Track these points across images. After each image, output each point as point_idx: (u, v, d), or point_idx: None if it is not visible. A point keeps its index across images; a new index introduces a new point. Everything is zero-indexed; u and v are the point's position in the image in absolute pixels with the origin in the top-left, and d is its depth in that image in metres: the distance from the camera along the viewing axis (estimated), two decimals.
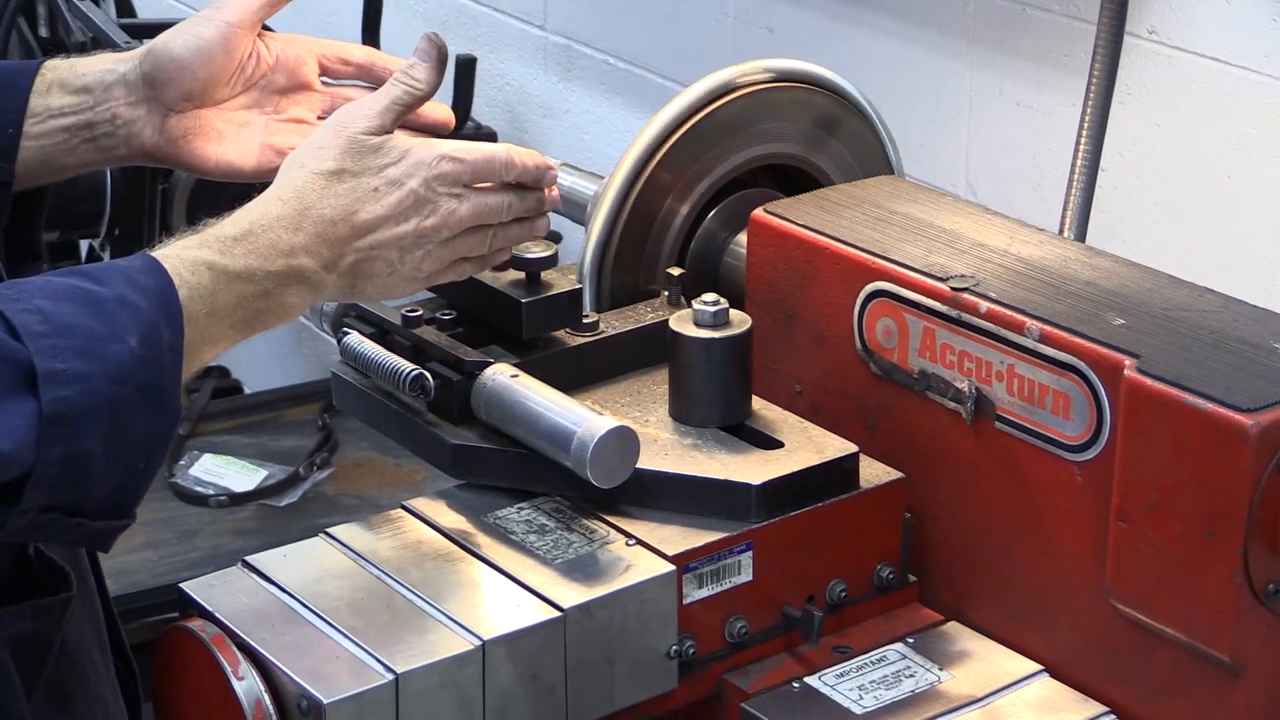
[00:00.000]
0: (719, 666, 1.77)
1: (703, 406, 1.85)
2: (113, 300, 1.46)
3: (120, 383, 1.44)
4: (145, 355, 1.46)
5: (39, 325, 1.43)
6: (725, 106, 2.11)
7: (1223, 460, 1.59)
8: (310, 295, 1.61)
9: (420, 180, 1.64)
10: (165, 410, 1.48)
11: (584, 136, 3.38)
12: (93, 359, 1.43)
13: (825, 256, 1.92)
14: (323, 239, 1.60)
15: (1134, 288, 1.81)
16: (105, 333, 1.44)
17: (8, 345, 1.41)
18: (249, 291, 1.56)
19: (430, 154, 1.65)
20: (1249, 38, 2.25)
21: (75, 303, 1.45)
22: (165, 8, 4.60)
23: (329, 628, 1.64)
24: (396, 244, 1.63)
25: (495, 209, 1.69)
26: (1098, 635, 1.74)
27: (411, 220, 1.63)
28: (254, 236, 1.58)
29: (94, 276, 1.49)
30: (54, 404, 1.41)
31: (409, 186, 1.63)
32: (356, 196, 1.62)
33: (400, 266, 1.65)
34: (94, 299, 1.46)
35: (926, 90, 2.66)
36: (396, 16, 3.73)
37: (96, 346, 1.44)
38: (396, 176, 1.63)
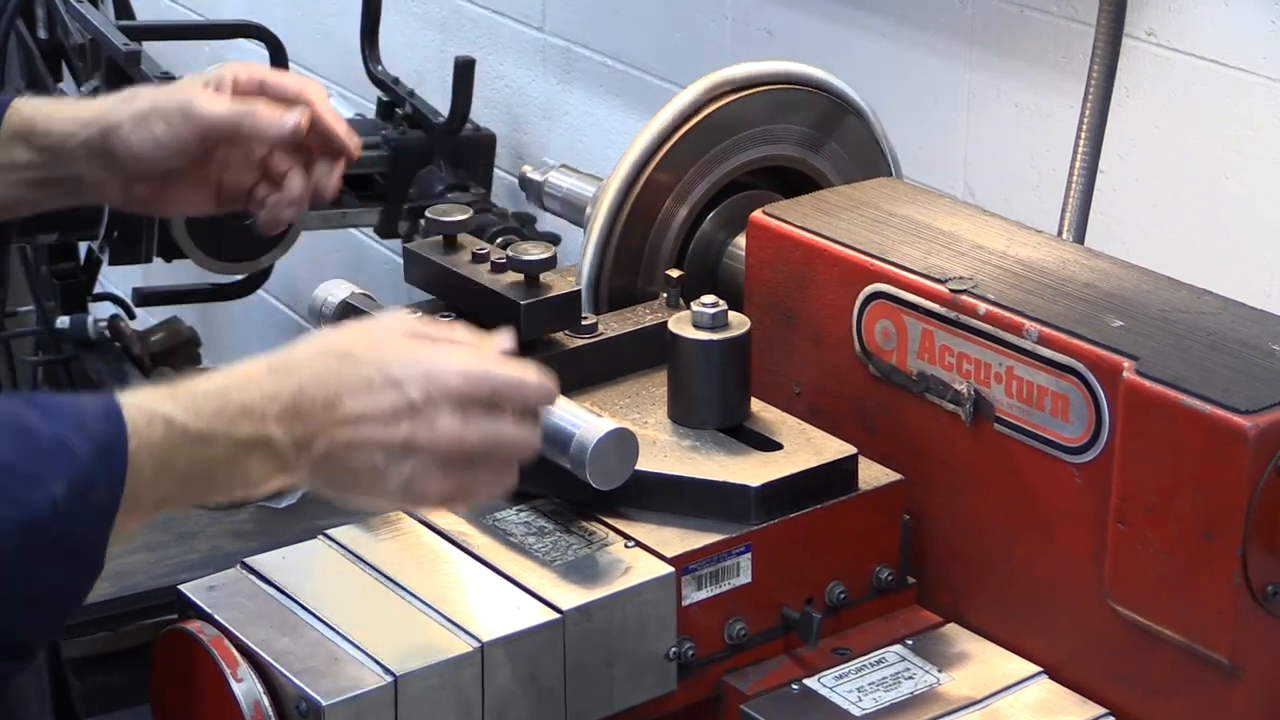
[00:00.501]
0: (718, 668, 1.77)
1: (701, 408, 1.85)
2: (50, 440, 1.38)
3: (34, 532, 1.36)
4: (70, 506, 1.37)
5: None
6: (724, 108, 2.11)
7: (1221, 462, 1.60)
8: (277, 471, 1.48)
9: (422, 390, 1.49)
10: (83, 564, 1.41)
11: (583, 138, 3.38)
12: (8, 502, 1.35)
13: (824, 258, 1.92)
14: (298, 414, 1.47)
15: (1132, 289, 1.81)
16: (29, 475, 1.37)
17: None
18: (207, 454, 1.45)
19: (445, 366, 1.51)
20: (1248, 39, 2.25)
21: (8, 436, 1.38)
22: (164, 9, 4.60)
23: (328, 629, 1.64)
24: (381, 447, 1.49)
25: (511, 443, 1.54)
26: (1097, 637, 1.74)
27: (402, 427, 1.48)
28: (226, 396, 1.47)
29: (43, 409, 1.40)
30: None
31: (407, 392, 1.49)
32: (347, 384, 1.49)
33: (386, 474, 1.50)
34: (30, 435, 1.38)
35: (925, 92, 2.66)
36: (396, 17, 3.73)
37: (15, 487, 1.36)
38: (398, 377, 1.50)
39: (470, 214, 2.03)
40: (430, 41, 3.73)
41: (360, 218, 3.46)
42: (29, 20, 4.20)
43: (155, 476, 1.43)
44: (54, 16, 4.09)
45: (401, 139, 3.40)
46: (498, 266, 1.93)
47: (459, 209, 2.02)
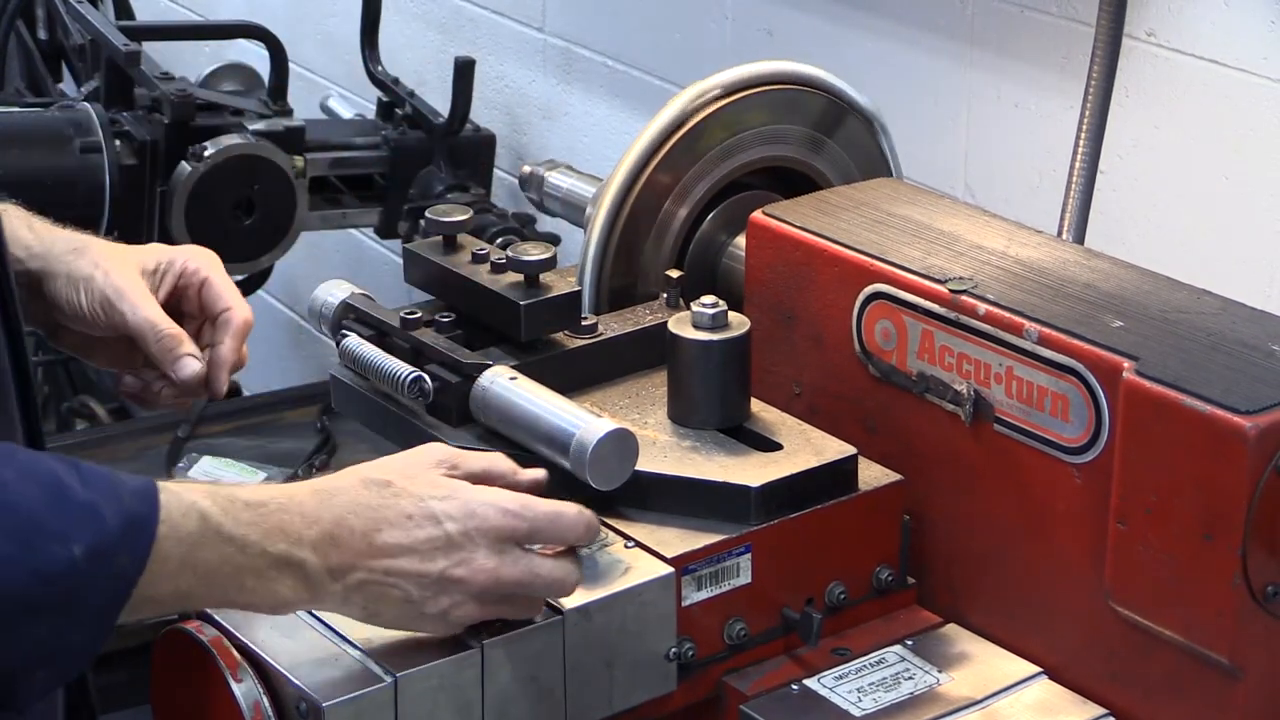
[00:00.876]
0: (718, 669, 1.77)
1: (701, 408, 1.85)
2: (81, 504, 1.41)
3: (45, 583, 1.38)
4: (86, 569, 1.39)
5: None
6: (724, 109, 2.11)
7: (1221, 462, 1.59)
8: (306, 594, 1.51)
9: (459, 526, 1.53)
10: (89, 627, 1.42)
11: (583, 138, 3.38)
12: (23, 547, 1.37)
13: (824, 259, 1.92)
14: (334, 543, 1.51)
15: (1132, 290, 1.81)
16: (53, 531, 1.39)
17: None
18: (237, 561, 1.47)
19: (485, 501, 1.55)
20: (1247, 40, 2.25)
21: (41, 488, 1.40)
22: (164, 9, 4.60)
23: (327, 630, 1.64)
24: (415, 579, 1.53)
25: (550, 582, 1.58)
26: (1096, 637, 1.74)
27: (438, 562, 1.53)
28: (265, 510, 1.49)
29: (82, 474, 1.43)
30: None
31: (445, 528, 1.53)
32: (386, 517, 1.52)
33: (421, 605, 1.54)
34: (62, 494, 1.40)
35: (925, 92, 2.66)
36: (396, 17, 3.73)
37: (35, 538, 1.38)
38: (436, 512, 1.53)
39: (470, 214, 2.02)
40: (430, 42, 3.73)
41: (360, 218, 3.47)
42: (29, 21, 4.20)
43: (180, 567, 1.46)
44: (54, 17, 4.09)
45: (401, 139, 3.40)
46: (498, 267, 1.93)
47: (459, 209, 2.02)
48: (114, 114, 3.23)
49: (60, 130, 3.12)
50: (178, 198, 3.15)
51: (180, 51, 3.98)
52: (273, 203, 3.20)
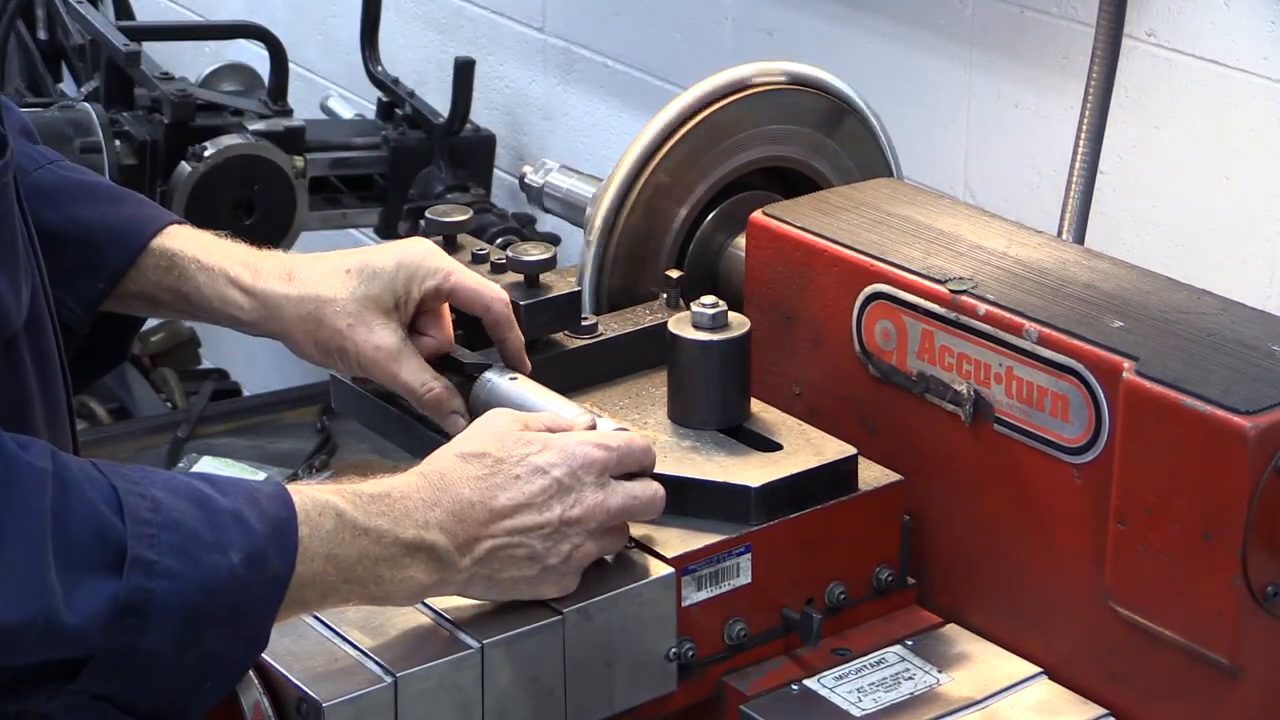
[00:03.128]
0: (718, 669, 1.77)
1: (701, 409, 1.85)
2: (228, 512, 1.44)
3: (211, 594, 1.41)
4: (245, 575, 1.43)
5: (146, 512, 1.40)
6: (724, 109, 2.11)
7: (1221, 462, 1.59)
8: (439, 576, 1.56)
9: (565, 469, 1.60)
10: (248, 638, 1.46)
11: (583, 139, 3.38)
12: (189, 561, 1.40)
13: (824, 259, 1.92)
14: (458, 518, 1.56)
15: (1132, 290, 1.81)
16: (210, 540, 1.42)
17: (106, 521, 1.38)
18: (374, 552, 1.52)
19: (576, 442, 1.62)
20: (1247, 40, 2.25)
21: (190, 502, 1.43)
22: (164, 9, 4.60)
23: (327, 630, 1.64)
24: (538, 532, 1.59)
25: (646, 502, 1.66)
26: (1096, 637, 1.74)
27: (555, 509, 1.60)
28: (390, 500, 1.54)
29: (219, 486, 1.46)
30: (133, 592, 1.38)
31: (553, 475, 1.60)
32: (497, 481, 1.58)
33: (545, 557, 1.60)
34: (210, 505, 1.44)
35: (925, 93, 2.66)
36: (396, 18, 3.73)
37: (197, 551, 1.41)
38: (540, 464, 1.60)
39: (470, 214, 2.03)
40: (430, 42, 3.73)
41: (360, 218, 3.47)
42: (29, 21, 4.20)
43: (324, 564, 1.49)
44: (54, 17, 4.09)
45: (401, 139, 3.40)
46: (498, 267, 1.93)
47: (459, 210, 2.02)
48: (114, 114, 3.23)
49: (60, 130, 3.12)
50: (178, 198, 3.15)
51: (180, 51, 3.99)
52: (273, 203, 3.20)
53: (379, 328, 1.78)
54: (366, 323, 1.78)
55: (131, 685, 1.42)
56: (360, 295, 1.78)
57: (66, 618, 1.36)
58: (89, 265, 1.78)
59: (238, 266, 1.81)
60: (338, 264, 1.81)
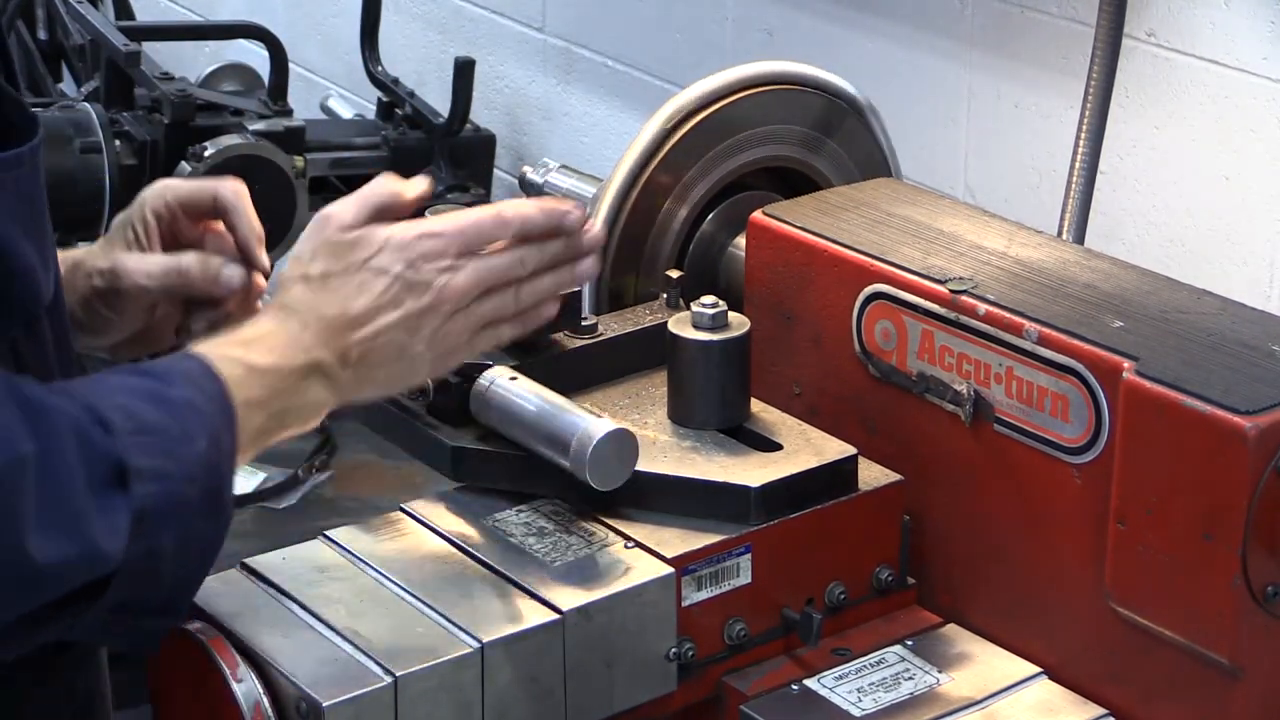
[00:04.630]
0: (718, 669, 1.77)
1: (701, 409, 1.85)
2: (183, 403, 1.48)
3: (192, 483, 1.45)
4: (212, 457, 1.47)
5: (126, 422, 1.43)
6: (724, 109, 2.11)
7: (1221, 462, 1.59)
8: (331, 391, 1.60)
9: (402, 263, 1.62)
10: (221, 515, 1.50)
11: (583, 139, 3.38)
12: (170, 458, 1.44)
13: (824, 259, 1.92)
14: (331, 335, 1.60)
15: (1132, 290, 1.81)
16: (179, 433, 1.46)
17: (104, 441, 1.41)
18: (277, 385, 1.56)
19: (407, 235, 1.64)
20: (1247, 40, 2.25)
21: (152, 402, 1.46)
22: (164, 9, 4.61)
23: (328, 630, 1.64)
24: (400, 327, 1.62)
25: (504, 269, 1.66)
26: (1096, 637, 1.74)
27: (405, 304, 1.62)
28: (272, 337, 1.58)
29: (160, 376, 1.49)
30: (143, 500, 1.42)
31: (393, 272, 1.62)
32: (346, 293, 1.61)
33: (412, 347, 1.62)
34: (167, 399, 1.47)
35: (925, 93, 2.66)
36: (396, 18, 3.73)
37: (174, 446, 1.45)
38: (378, 266, 1.62)
39: None
40: (430, 42, 3.73)
41: None
42: (29, 21, 4.20)
43: (245, 411, 1.54)
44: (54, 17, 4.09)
45: (401, 139, 3.40)
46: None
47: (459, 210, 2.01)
48: (114, 114, 3.23)
49: (60, 130, 3.11)
50: None
51: (180, 51, 3.98)
52: (273, 203, 3.20)
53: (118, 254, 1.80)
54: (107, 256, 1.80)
55: (146, 588, 1.45)
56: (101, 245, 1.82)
57: (101, 542, 1.39)
58: None
59: None
60: None
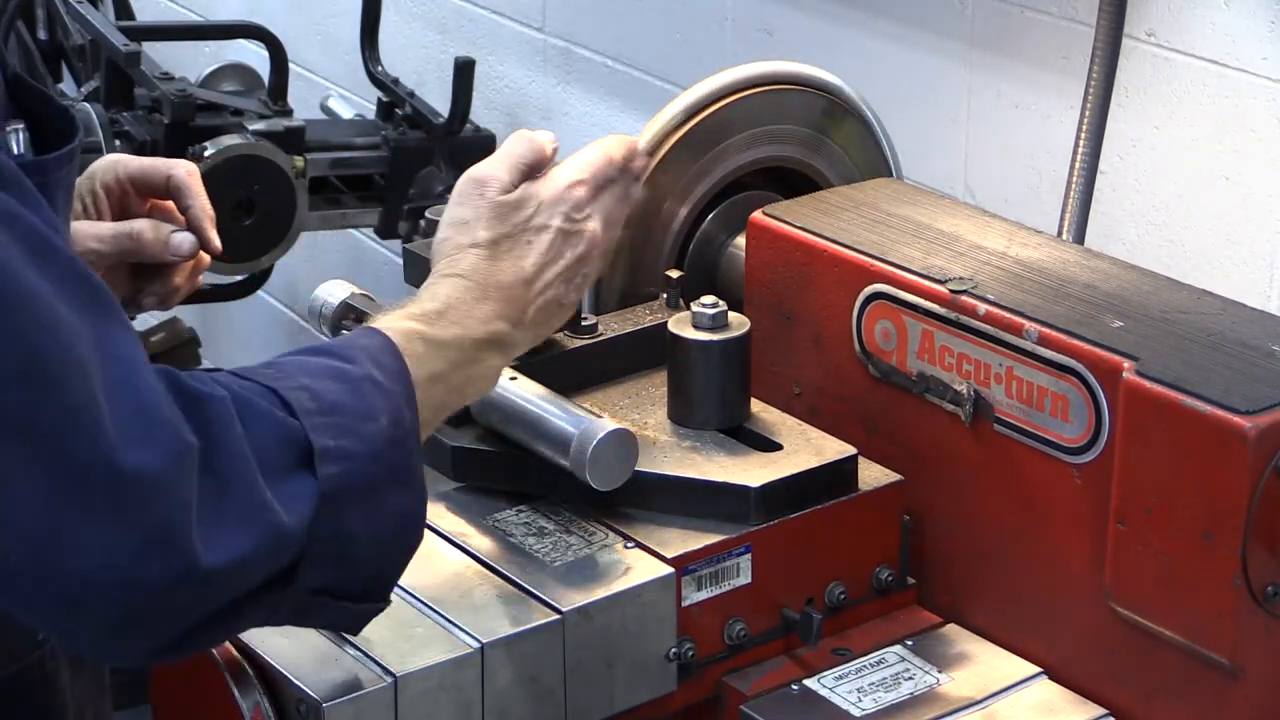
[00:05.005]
0: (718, 669, 1.77)
1: (701, 409, 1.85)
2: (364, 379, 1.49)
3: (377, 461, 1.46)
4: (395, 434, 1.48)
5: (309, 403, 1.44)
6: (724, 109, 2.11)
7: (1221, 462, 1.60)
8: (506, 356, 1.64)
9: (561, 217, 1.68)
10: (414, 488, 1.50)
11: (583, 139, 3.35)
12: (355, 437, 1.45)
13: (824, 259, 1.92)
14: (509, 301, 1.63)
15: (1132, 290, 1.81)
16: (362, 411, 1.47)
17: (287, 423, 1.43)
18: (458, 358, 1.59)
19: (558, 190, 1.70)
20: (1247, 40, 2.25)
21: (334, 380, 1.48)
22: (164, 9, 4.60)
23: (328, 630, 1.64)
24: (562, 279, 1.67)
25: (616, 207, 1.74)
26: (1097, 637, 1.74)
27: (566, 254, 1.67)
28: (454, 310, 1.60)
29: (341, 354, 1.51)
30: (328, 481, 1.43)
31: (554, 226, 1.67)
32: (518, 254, 1.66)
33: (569, 295, 1.68)
34: (349, 378, 1.49)
35: (925, 93, 2.66)
36: (396, 18, 3.73)
37: (357, 425, 1.46)
38: (540, 223, 1.67)
39: None
40: (430, 42, 3.73)
41: (360, 218, 3.46)
42: (29, 21, 4.20)
43: (427, 385, 1.56)
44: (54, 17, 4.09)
45: (401, 139, 3.40)
46: None
47: None
48: (114, 114, 3.23)
49: None
50: None
51: (180, 51, 3.98)
52: (273, 203, 3.20)
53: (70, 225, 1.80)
54: None
55: (341, 569, 1.46)
56: None
57: (287, 526, 1.40)
58: None
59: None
60: None
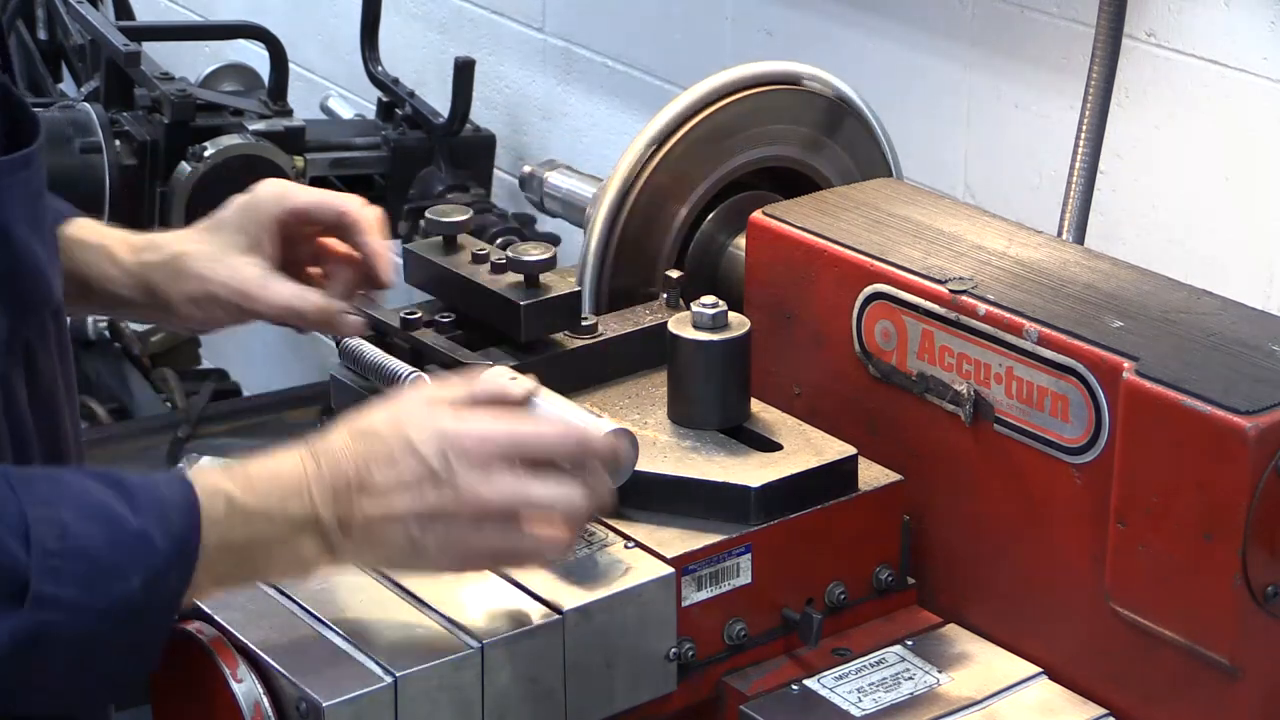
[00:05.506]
0: (718, 669, 1.77)
1: (701, 409, 1.85)
2: (135, 534, 1.44)
3: (108, 621, 1.42)
4: (143, 600, 1.44)
5: (54, 541, 1.40)
6: (724, 109, 2.11)
7: (1221, 462, 1.59)
8: (325, 552, 1.53)
9: (437, 451, 1.51)
10: (144, 655, 1.47)
11: (583, 139, 3.38)
12: (90, 590, 1.41)
13: (824, 259, 1.92)
14: (336, 493, 1.51)
15: (1132, 290, 1.81)
16: (112, 566, 1.42)
17: (12, 554, 1.39)
18: (264, 532, 1.50)
19: (460, 429, 1.53)
20: (1247, 40, 2.25)
21: (100, 525, 1.43)
22: (164, 9, 4.61)
23: (327, 630, 1.64)
24: (413, 517, 1.51)
25: (542, 500, 1.54)
26: (1097, 638, 1.74)
27: (428, 495, 1.51)
28: (277, 478, 1.51)
29: (133, 498, 1.45)
30: (34, 626, 1.39)
31: (426, 459, 1.51)
32: (374, 458, 1.52)
33: (423, 541, 1.52)
34: (119, 526, 1.43)
35: (925, 93, 2.66)
36: (396, 18, 3.73)
37: (100, 579, 1.41)
38: (416, 445, 1.51)
39: (470, 215, 2.03)
40: (430, 42, 3.73)
41: None
42: (29, 21, 4.20)
43: (217, 553, 1.48)
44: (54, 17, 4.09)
45: (401, 139, 3.40)
46: (498, 267, 1.93)
47: (459, 210, 2.02)
48: (114, 114, 3.23)
49: (60, 130, 3.12)
50: (178, 198, 3.15)
51: (180, 51, 3.98)
52: None
53: (240, 265, 1.79)
54: (227, 264, 1.79)
55: (27, 702, 1.44)
56: (214, 243, 1.81)
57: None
58: None
59: (116, 243, 1.83)
60: (193, 226, 1.85)
